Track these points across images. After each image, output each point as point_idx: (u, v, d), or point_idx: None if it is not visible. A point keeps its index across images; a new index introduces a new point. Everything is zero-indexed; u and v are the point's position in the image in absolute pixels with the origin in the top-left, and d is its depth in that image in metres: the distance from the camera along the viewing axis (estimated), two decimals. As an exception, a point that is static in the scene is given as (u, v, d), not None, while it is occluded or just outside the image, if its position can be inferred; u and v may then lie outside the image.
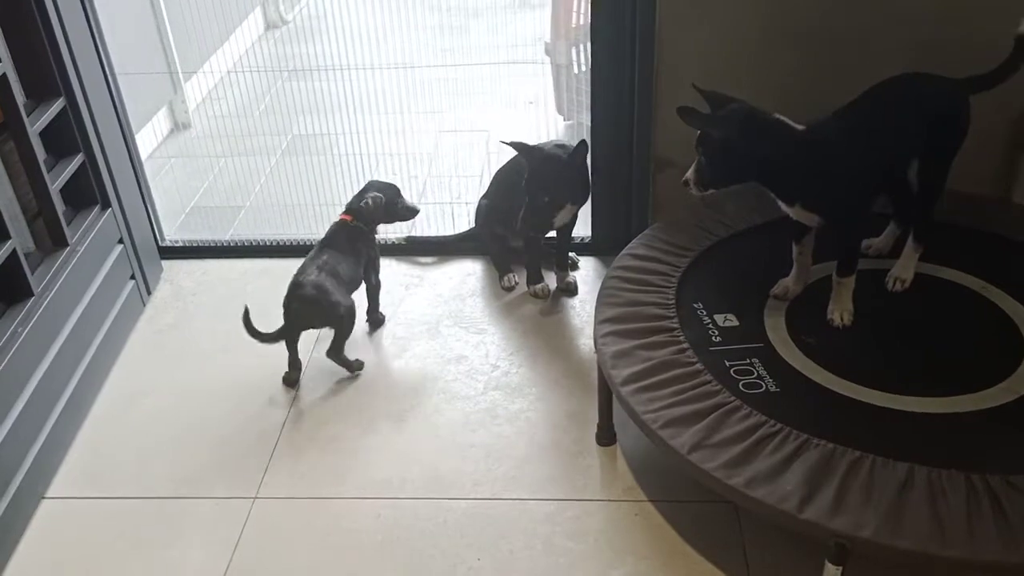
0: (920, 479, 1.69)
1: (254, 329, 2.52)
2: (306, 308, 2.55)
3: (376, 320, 2.79)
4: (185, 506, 2.24)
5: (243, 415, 2.50)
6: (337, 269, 2.60)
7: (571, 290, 2.89)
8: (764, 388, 1.98)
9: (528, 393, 2.50)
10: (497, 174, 2.99)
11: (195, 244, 3.28)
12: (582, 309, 2.83)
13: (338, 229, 2.68)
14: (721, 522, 2.06)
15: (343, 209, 2.74)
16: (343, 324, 2.56)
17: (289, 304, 2.55)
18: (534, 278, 2.89)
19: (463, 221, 3.29)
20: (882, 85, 2.14)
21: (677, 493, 2.13)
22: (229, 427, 2.46)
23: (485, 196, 3.02)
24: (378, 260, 2.76)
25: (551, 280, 2.93)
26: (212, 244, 3.28)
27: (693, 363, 2.05)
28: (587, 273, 3.00)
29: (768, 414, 1.88)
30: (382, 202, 2.68)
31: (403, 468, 2.29)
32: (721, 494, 1.78)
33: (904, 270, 2.26)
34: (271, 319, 2.57)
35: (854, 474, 1.72)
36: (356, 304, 2.63)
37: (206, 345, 2.78)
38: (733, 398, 1.94)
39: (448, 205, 3.44)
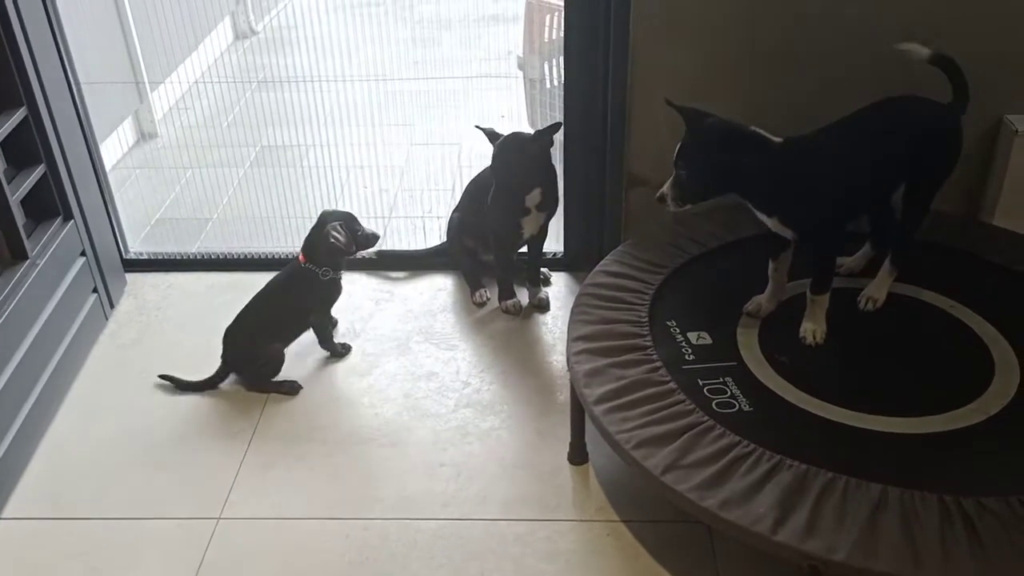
0: (893, 500, 1.69)
1: (182, 382, 2.54)
2: (227, 353, 2.57)
3: (335, 351, 2.70)
4: (147, 527, 2.18)
5: (207, 434, 2.44)
6: (268, 313, 2.57)
7: (543, 306, 2.87)
8: (737, 407, 1.97)
9: (499, 411, 2.47)
10: (469, 186, 2.96)
11: (160, 257, 3.22)
12: (554, 325, 2.81)
13: (287, 272, 2.62)
14: (694, 543, 2.04)
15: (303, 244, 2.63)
16: (257, 374, 2.56)
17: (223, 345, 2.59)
18: (506, 294, 2.87)
19: (434, 235, 3.26)
20: (874, 106, 2.14)
21: (650, 513, 2.12)
22: (193, 446, 2.41)
23: (457, 209, 2.99)
24: (319, 301, 2.63)
25: (523, 296, 2.90)
26: (178, 257, 3.22)
27: (666, 382, 2.03)
28: (559, 289, 2.98)
29: (741, 434, 1.87)
30: (344, 229, 2.55)
31: (372, 488, 2.25)
32: (694, 515, 1.77)
33: (878, 290, 2.27)
34: (237, 335, 2.53)
35: (827, 495, 1.71)
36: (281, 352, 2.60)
37: (170, 361, 2.71)
38: (706, 418, 1.92)
39: (419, 219, 3.41)
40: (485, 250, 2.90)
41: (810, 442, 1.86)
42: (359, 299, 2.94)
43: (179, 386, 2.55)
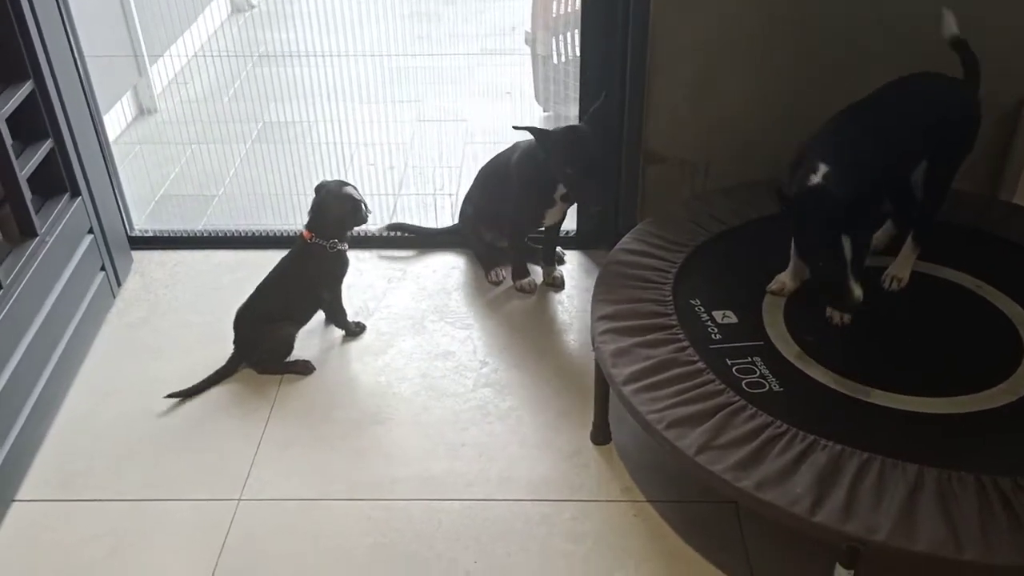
0: (930, 481, 1.68)
1: (194, 387, 2.48)
2: (239, 337, 2.52)
3: (349, 329, 2.66)
4: (165, 509, 2.15)
5: (223, 414, 2.41)
6: (279, 294, 2.53)
7: (558, 285, 2.85)
8: (767, 387, 1.96)
9: (518, 391, 2.45)
10: (480, 175, 2.90)
11: (166, 234, 3.16)
12: (570, 304, 2.79)
13: (296, 250, 2.57)
14: (722, 523, 2.03)
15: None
16: (268, 356, 2.51)
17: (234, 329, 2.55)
18: (520, 272, 2.84)
19: (444, 213, 3.23)
20: (891, 85, 2.12)
21: (676, 493, 2.10)
22: (208, 427, 2.37)
23: (468, 200, 2.93)
24: (330, 276, 2.58)
25: (537, 275, 2.87)
26: (184, 234, 3.17)
27: (694, 361, 2.01)
28: (572, 268, 2.95)
29: (774, 414, 1.85)
30: (347, 210, 2.50)
31: (393, 468, 2.23)
32: (729, 497, 1.75)
33: (901, 269, 2.25)
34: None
35: (863, 476, 1.70)
36: (294, 333, 2.56)
37: (180, 339, 2.67)
38: (737, 398, 1.91)
39: (430, 197, 3.36)
40: (502, 239, 2.86)
41: (842, 423, 1.85)
42: (371, 278, 2.90)
43: (193, 393, 2.47)
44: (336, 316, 2.63)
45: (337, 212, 2.49)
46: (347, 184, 2.54)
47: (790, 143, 2.66)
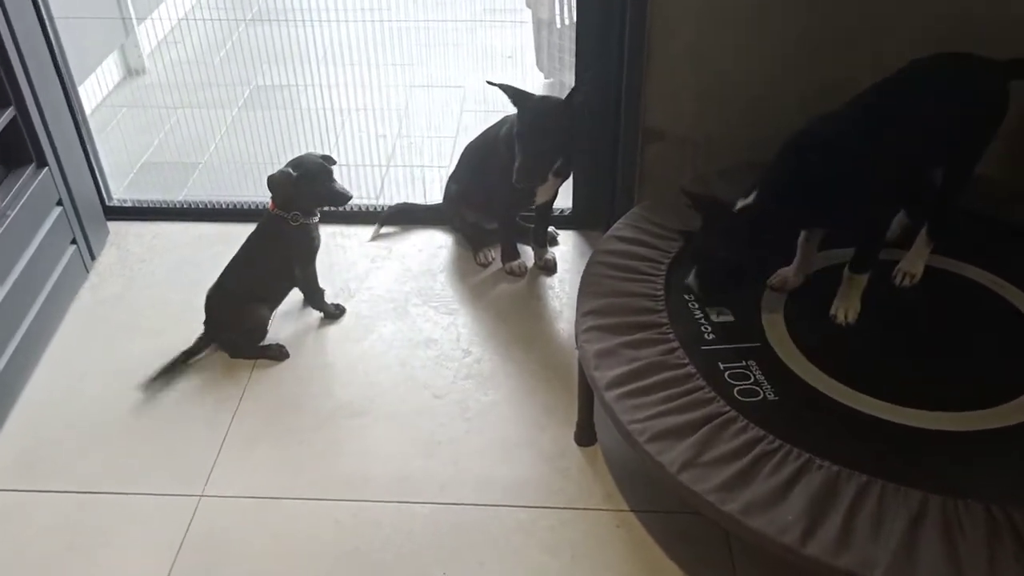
0: (934, 510, 1.53)
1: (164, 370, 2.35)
2: (210, 319, 2.39)
3: (328, 311, 2.52)
4: (125, 503, 2.04)
5: (191, 401, 2.29)
6: (248, 272, 2.38)
7: (550, 268, 2.70)
8: (762, 396, 1.81)
9: (502, 384, 2.32)
10: (466, 152, 2.73)
11: (145, 205, 3.03)
12: (561, 290, 2.64)
13: (260, 223, 2.42)
14: (710, 537, 1.90)
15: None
16: (240, 340, 2.38)
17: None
18: (510, 255, 2.69)
19: (437, 188, 3.07)
20: (911, 67, 1.93)
21: (662, 502, 1.97)
22: (175, 414, 2.26)
23: (453, 178, 2.77)
24: (298, 252, 2.40)
25: (528, 257, 2.72)
26: (164, 205, 3.04)
27: (684, 365, 1.87)
28: (566, 249, 2.80)
29: (766, 428, 1.71)
30: (288, 179, 2.30)
31: (365, 465, 2.11)
32: (714, 520, 1.62)
33: (913, 264, 2.09)
34: (223, 296, 2.36)
35: (861, 502, 1.56)
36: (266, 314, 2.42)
37: (156, 317, 2.55)
38: (728, 408, 1.76)
39: (420, 169, 3.20)
40: (489, 220, 2.70)
41: (842, 439, 1.70)
42: (355, 256, 2.77)
43: (161, 376, 2.34)
44: (311, 296, 2.49)
45: (277, 182, 2.31)
46: (325, 169, 2.35)
47: (794, 119, 2.50)
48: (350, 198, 2.36)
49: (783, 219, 1.88)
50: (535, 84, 3.58)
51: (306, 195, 2.32)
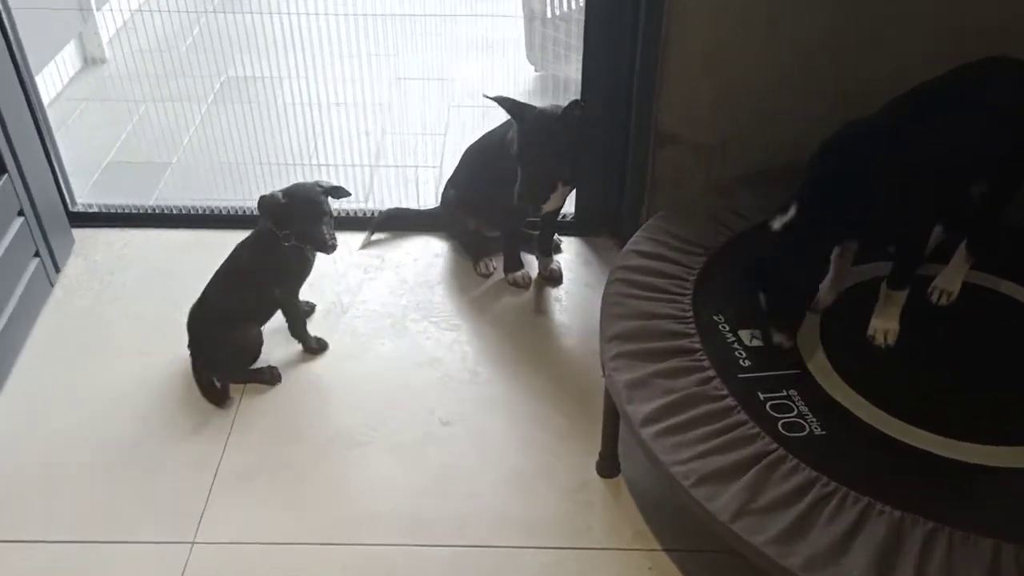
0: (1008, 562, 1.42)
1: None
2: (194, 341, 2.21)
3: (308, 344, 2.31)
4: (106, 553, 1.86)
5: (175, 434, 2.11)
6: (234, 287, 2.19)
7: (555, 278, 2.55)
8: (808, 430, 1.68)
9: (514, 408, 2.17)
10: (466, 155, 2.56)
11: (113, 210, 2.81)
12: (568, 302, 2.49)
13: (250, 235, 2.22)
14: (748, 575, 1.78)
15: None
16: (230, 364, 2.20)
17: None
18: (513, 264, 2.53)
19: (427, 190, 2.90)
20: (958, 72, 1.81)
21: (694, 540, 1.84)
22: (158, 449, 2.07)
23: (452, 183, 2.60)
24: (283, 272, 2.20)
25: (531, 267, 2.57)
26: (133, 210, 2.82)
27: (723, 396, 1.73)
28: (570, 257, 2.65)
29: (819, 468, 1.58)
30: (275, 207, 2.09)
31: (373, 504, 1.95)
32: (767, 572, 1.49)
33: (951, 281, 1.97)
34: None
35: (930, 553, 1.44)
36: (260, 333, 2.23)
37: (128, 338, 2.36)
38: (775, 445, 1.63)
39: (410, 169, 3.02)
40: (490, 227, 2.54)
41: (899, 479, 1.58)
42: (345, 266, 2.59)
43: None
44: (292, 324, 2.29)
45: (264, 207, 2.12)
46: (326, 213, 2.16)
47: (818, 124, 2.37)
48: (332, 249, 2.15)
49: (826, 234, 1.76)
50: (526, 77, 3.41)
51: (292, 227, 2.13)
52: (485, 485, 1.98)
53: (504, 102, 2.25)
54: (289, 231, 2.13)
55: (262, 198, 2.11)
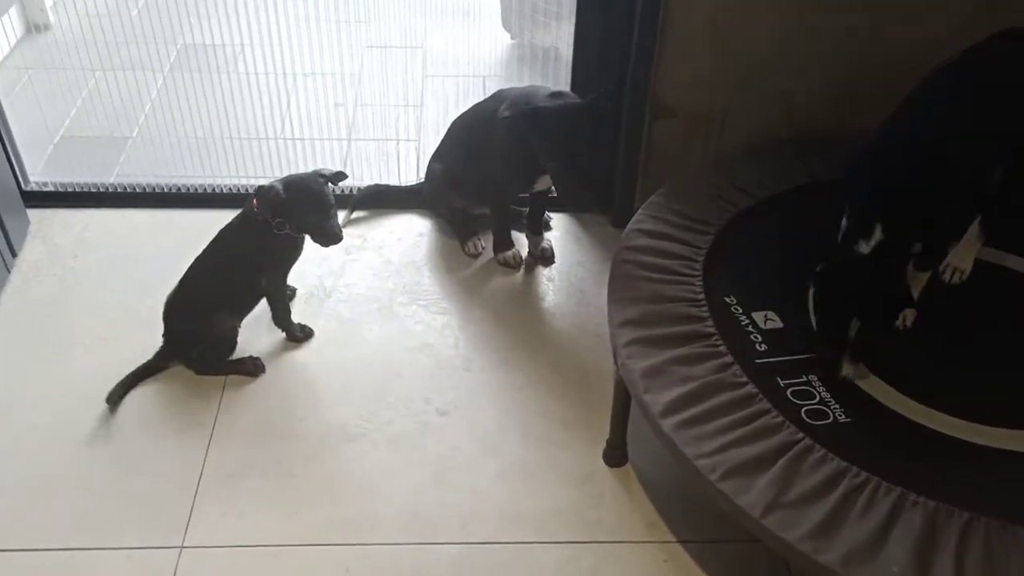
0: (1048, 551, 1.39)
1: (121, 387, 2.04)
2: (169, 331, 2.08)
3: (292, 333, 2.19)
4: (89, 562, 1.73)
5: (154, 431, 1.98)
6: (217, 274, 2.06)
7: (547, 257, 2.46)
8: (832, 418, 1.63)
9: (512, 395, 2.08)
10: (453, 128, 2.44)
11: (70, 188, 2.64)
12: (561, 283, 2.40)
13: (236, 219, 2.08)
14: (767, 567, 1.73)
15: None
16: (207, 356, 2.07)
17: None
18: (503, 244, 2.43)
19: (407, 165, 2.78)
20: (980, 48, 1.75)
21: (711, 530, 1.79)
22: (135, 448, 1.94)
23: (437, 158, 2.47)
24: (272, 260, 2.08)
25: (521, 246, 2.47)
26: (93, 189, 2.65)
27: (743, 383, 1.67)
28: (559, 235, 2.56)
29: (847, 457, 1.53)
30: (277, 200, 1.94)
31: (372, 502, 1.85)
32: (807, 571, 1.44)
33: (963, 259, 1.93)
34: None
35: (967, 545, 1.40)
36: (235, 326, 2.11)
37: (96, 328, 2.21)
38: (800, 434, 1.57)
39: (387, 143, 2.89)
40: (478, 205, 2.43)
41: (931, 467, 1.54)
42: (327, 249, 2.45)
43: (117, 397, 2.02)
44: (277, 313, 2.17)
45: (264, 200, 1.96)
46: (328, 201, 2.01)
47: (820, 100, 2.31)
48: (339, 240, 2.01)
49: (910, 247, 1.69)
50: (501, 45, 3.29)
51: (292, 219, 2.00)
52: (488, 478, 1.90)
53: (513, 116, 2.11)
54: (285, 220, 1.99)
55: (260, 190, 1.97)
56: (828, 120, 2.26)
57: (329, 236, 2.01)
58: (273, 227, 2.00)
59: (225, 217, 2.13)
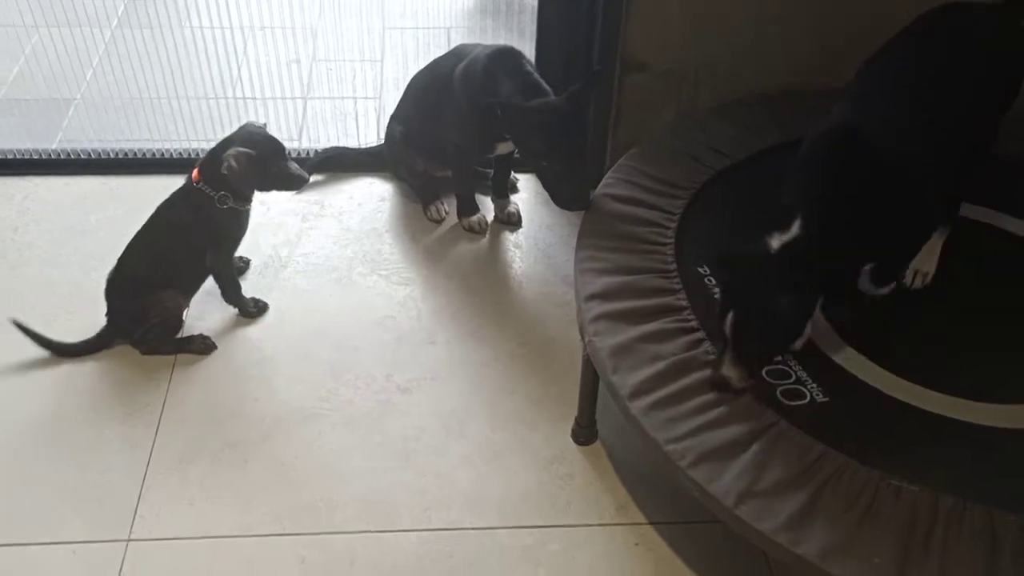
0: (1037, 538, 1.32)
1: (50, 341, 1.94)
2: (112, 309, 1.97)
3: (244, 308, 2.07)
4: (29, 557, 1.64)
5: (101, 413, 1.88)
6: (156, 252, 1.94)
7: (513, 221, 2.35)
8: (809, 398, 1.54)
9: (478, 370, 1.99)
10: (411, 87, 2.31)
11: (10, 155, 2.50)
12: (529, 247, 2.30)
13: (176, 194, 1.96)
14: (742, 549, 1.65)
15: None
16: (152, 334, 1.95)
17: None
18: (467, 208, 2.32)
19: (367, 125, 2.64)
20: (919, 23, 1.62)
21: (684, 511, 1.71)
22: (80, 434, 1.84)
23: (396, 119, 2.34)
24: (215, 236, 1.97)
25: (487, 210, 2.36)
26: (35, 155, 2.52)
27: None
28: (527, 197, 2.44)
29: (825, 440, 1.44)
30: (250, 160, 1.86)
31: (329, 487, 1.76)
32: (784, 562, 1.36)
33: (926, 261, 1.75)
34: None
35: (955, 531, 1.33)
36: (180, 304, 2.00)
37: (41, 306, 2.09)
38: (776, 417, 1.49)
39: (346, 101, 2.74)
40: (441, 167, 2.31)
41: (913, 448, 1.46)
42: (280, 214, 2.34)
43: (44, 345, 1.94)
44: (226, 289, 2.05)
45: (240, 165, 1.86)
46: (276, 145, 1.92)
47: (798, 47, 2.20)
48: (306, 182, 1.94)
49: (837, 255, 1.48)
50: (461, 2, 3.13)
51: (255, 178, 1.88)
52: (452, 459, 1.81)
53: (497, 104, 1.95)
54: (242, 191, 1.89)
55: (229, 158, 1.84)
56: (807, 74, 2.14)
57: (299, 178, 1.94)
58: (216, 201, 1.88)
59: (174, 183, 2.01)
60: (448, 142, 2.19)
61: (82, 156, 2.49)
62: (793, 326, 1.49)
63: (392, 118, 2.35)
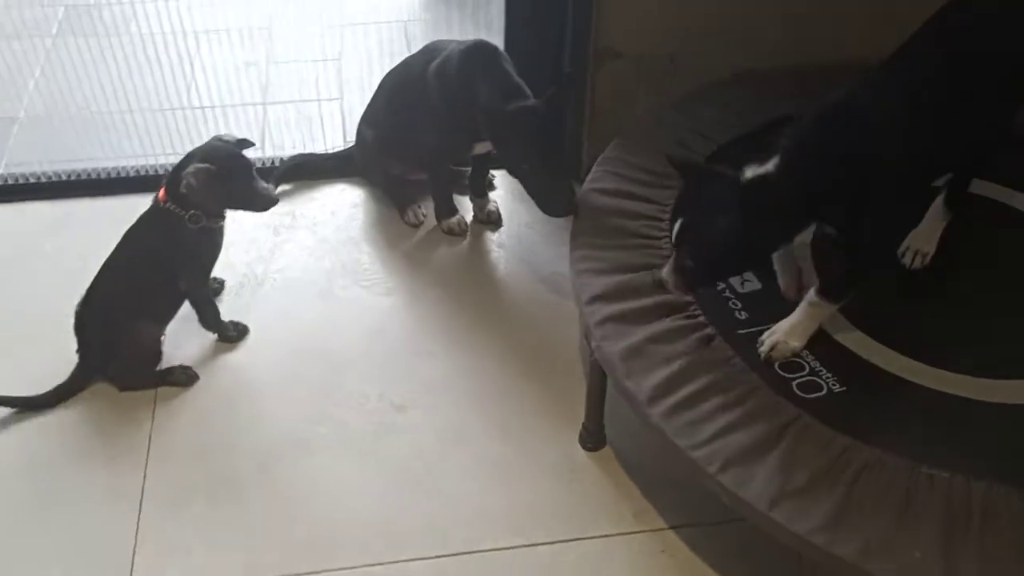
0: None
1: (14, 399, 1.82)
2: (83, 345, 1.84)
3: (224, 333, 1.97)
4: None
5: (81, 458, 1.76)
6: (131, 279, 1.83)
7: (494, 220, 2.27)
8: (826, 389, 1.50)
9: (473, 381, 1.91)
10: (382, 87, 2.21)
11: (-48, 184, 2.35)
12: (512, 246, 2.23)
13: (144, 216, 1.84)
14: (770, 549, 1.60)
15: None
16: (129, 369, 1.86)
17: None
18: (446, 211, 2.23)
19: (332, 128, 2.54)
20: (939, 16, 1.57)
21: (704, 513, 1.66)
22: (59, 480, 1.72)
23: (367, 121, 2.25)
24: (187, 259, 1.86)
25: (465, 210, 2.28)
26: (-22, 182, 2.36)
27: (728, 358, 1.53)
28: (503, 194, 2.37)
29: (852, 433, 1.41)
30: (210, 176, 1.73)
31: (329, 520, 1.67)
32: (824, 566, 1.32)
33: (926, 241, 1.73)
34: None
35: (992, 521, 1.30)
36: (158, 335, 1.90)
37: None
38: (798, 411, 1.45)
39: (308, 104, 2.63)
40: (415, 170, 2.22)
41: (940, 434, 1.43)
42: (252, 228, 2.23)
43: (10, 404, 1.82)
44: (203, 314, 1.95)
45: (200, 182, 1.73)
46: (243, 162, 1.80)
47: (782, 27, 2.15)
48: (275, 203, 1.82)
49: (801, 205, 1.46)
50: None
51: (218, 196, 1.77)
52: (457, 477, 1.74)
53: (477, 112, 1.92)
54: (209, 208, 1.78)
55: (188, 175, 1.72)
56: (790, 53, 2.09)
57: (267, 198, 1.82)
58: (187, 220, 1.77)
59: (133, 204, 1.91)
60: (423, 144, 2.11)
61: (31, 180, 2.36)
62: (732, 251, 1.45)
63: (362, 121, 2.25)
